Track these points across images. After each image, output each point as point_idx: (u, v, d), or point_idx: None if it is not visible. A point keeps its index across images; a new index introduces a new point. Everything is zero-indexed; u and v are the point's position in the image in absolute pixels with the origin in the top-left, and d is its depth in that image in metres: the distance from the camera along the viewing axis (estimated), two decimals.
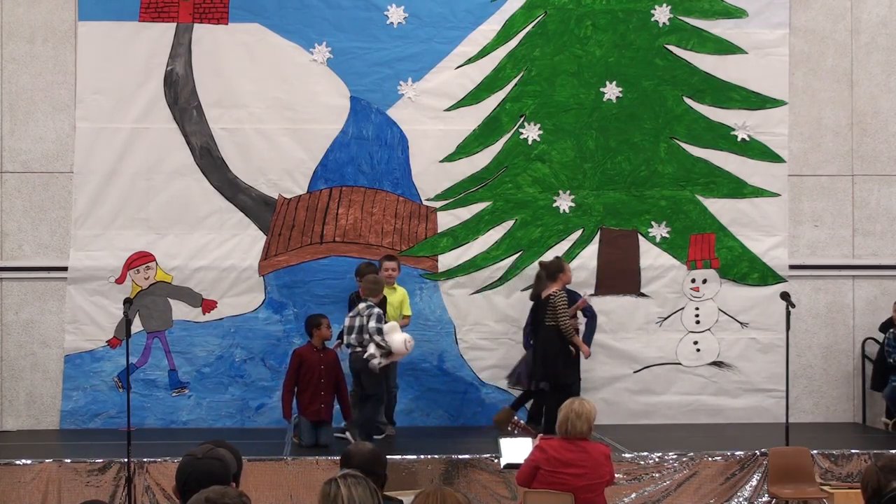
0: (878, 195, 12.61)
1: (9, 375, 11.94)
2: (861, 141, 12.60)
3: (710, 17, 12.41)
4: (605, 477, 7.39)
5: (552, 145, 12.29)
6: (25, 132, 11.96)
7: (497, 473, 9.62)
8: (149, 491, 9.61)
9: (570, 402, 7.51)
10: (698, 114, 12.41)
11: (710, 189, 12.41)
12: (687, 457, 10.14)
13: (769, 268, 12.41)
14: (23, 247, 11.98)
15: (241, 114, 12.07)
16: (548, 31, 12.31)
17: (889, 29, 12.64)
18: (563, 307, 10.68)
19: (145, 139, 12.00)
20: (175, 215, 12.01)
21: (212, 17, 12.05)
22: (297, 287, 12.07)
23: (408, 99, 12.20)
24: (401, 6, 12.20)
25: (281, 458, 9.93)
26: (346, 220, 12.13)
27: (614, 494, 9.79)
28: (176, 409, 11.94)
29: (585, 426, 7.34)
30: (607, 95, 12.33)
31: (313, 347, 10.74)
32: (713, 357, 12.38)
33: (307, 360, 10.64)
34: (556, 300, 10.72)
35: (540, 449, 7.45)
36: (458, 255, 12.18)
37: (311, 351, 10.72)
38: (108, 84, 11.98)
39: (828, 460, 10.18)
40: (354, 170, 12.19)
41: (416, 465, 9.77)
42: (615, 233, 12.33)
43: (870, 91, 12.61)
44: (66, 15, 12.00)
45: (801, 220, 12.54)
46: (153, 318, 11.97)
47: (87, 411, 11.85)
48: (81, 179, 11.96)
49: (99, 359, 11.88)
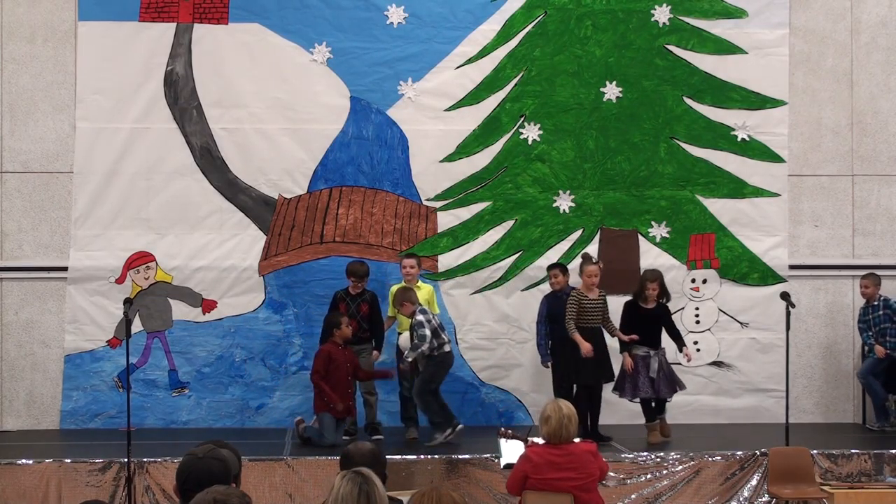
0: (878, 195, 12.61)
1: (9, 375, 11.94)
2: (861, 141, 12.60)
3: (710, 17, 12.41)
4: (594, 474, 7.36)
5: (552, 145, 12.29)
6: (25, 132, 11.96)
7: (497, 473, 9.62)
8: (149, 491, 9.61)
9: (556, 406, 7.32)
10: (698, 114, 12.42)
11: (710, 189, 12.41)
12: (687, 457, 10.15)
13: (769, 268, 12.41)
14: (23, 247, 11.97)
15: (241, 114, 12.07)
16: (548, 31, 12.31)
17: (889, 29, 12.64)
18: (570, 305, 10.76)
19: (145, 139, 12.00)
20: (175, 215, 12.01)
21: (212, 17, 12.05)
22: (297, 287, 12.07)
23: (408, 99, 12.20)
24: (401, 6, 12.20)
25: (281, 458, 9.93)
26: (346, 220, 12.13)
27: (614, 494, 9.80)
28: (176, 409, 11.94)
29: (575, 428, 7.34)
30: (607, 95, 12.33)
31: (337, 346, 10.73)
32: (713, 357, 12.38)
33: (336, 359, 10.63)
34: (568, 298, 10.88)
35: (526, 458, 7.39)
36: (458, 255, 12.18)
37: (336, 348, 10.71)
38: (108, 84, 11.98)
39: (828, 460, 10.19)
40: (354, 170, 12.19)
41: (415, 465, 9.77)
42: (615, 233, 12.33)
43: (870, 91, 12.61)
44: (66, 15, 12.00)
45: (801, 220, 12.54)
46: (153, 318, 11.96)
47: (87, 411, 11.85)
48: (81, 179, 11.96)
49: (99, 359, 11.88)
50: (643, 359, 10.85)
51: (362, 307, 11.21)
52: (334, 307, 11.24)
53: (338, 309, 11.16)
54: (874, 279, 11.82)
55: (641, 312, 10.97)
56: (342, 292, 11.27)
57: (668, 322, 11.14)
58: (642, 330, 10.90)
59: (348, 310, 11.13)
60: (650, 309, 10.98)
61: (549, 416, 7.31)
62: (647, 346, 10.87)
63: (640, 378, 10.83)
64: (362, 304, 11.23)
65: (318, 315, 11.95)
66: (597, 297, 10.92)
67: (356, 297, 11.24)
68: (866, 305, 11.85)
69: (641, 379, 10.83)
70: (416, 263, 11.35)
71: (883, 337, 11.65)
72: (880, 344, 11.62)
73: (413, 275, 11.27)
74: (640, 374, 10.83)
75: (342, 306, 11.18)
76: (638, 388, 10.86)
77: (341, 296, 11.25)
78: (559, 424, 7.26)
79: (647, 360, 10.83)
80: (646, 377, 10.83)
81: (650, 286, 10.96)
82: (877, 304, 11.74)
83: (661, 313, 11.08)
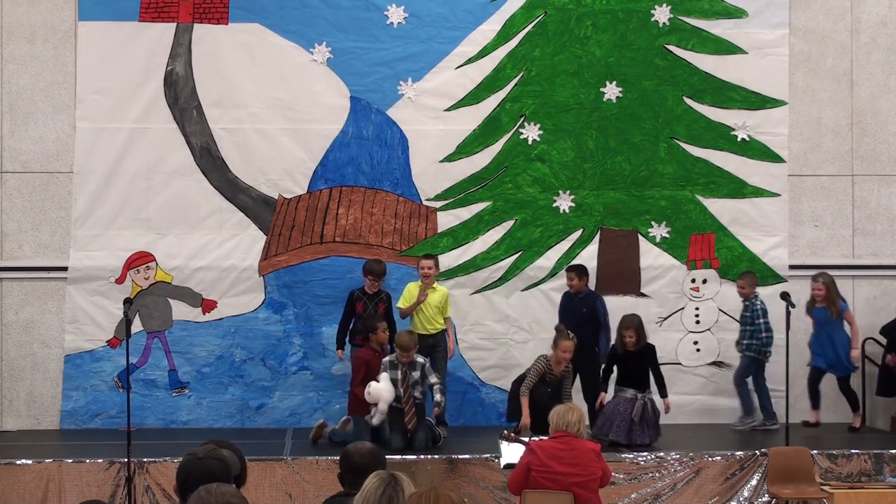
0: (878, 195, 12.61)
1: (9, 375, 11.94)
2: (861, 141, 12.60)
3: (710, 17, 12.42)
4: (596, 473, 7.40)
5: (552, 145, 12.29)
6: (25, 132, 11.96)
7: (497, 473, 9.62)
8: (149, 491, 9.62)
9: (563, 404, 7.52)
10: (698, 114, 12.42)
11: (710, 189, 12.41)
12: (687, 457, 10.15)
13: (769, 268, 12.41)
14: (23, 247, 11.97)
15: (241, 114, 12.07)
16: (548, 31, 12.31)
17: (889, 29, 12.65)
18: (533, 371, 10.55)
19: (145, 139, 12.00)
20: (175, 215, 12.00)
21: (212, 17, 12.05)
22: (297, 287, 12.06)
23: (408, 99, 12.20)
24: (401, 6, 12.20)
25: (281, 458, 9.93)
26: (346, 220, 12.13)
27: (614, 494, 9.80)
28: (176, 409, 11.94)
29: (578, 423, 7.38)
30: (607, 95, 12.33)
31: (375, 351, 10.68)
32: (713, 357, 12.39)
33: (373, 364, 10.54)
34: (534, 362, 10.76)
35: (530, 451, 7.46)
36: (458, 255, 12.18)
37: (373, 354, 10.65)
38: (108, 84, 11.97)
39: (828, 460, 10.19)
40: (354, 170, 12.19)
41: (415, 465, 9.77)
42: (615, 233, 12.33)
43: (870, 91, 12.61)
44: (66, 15, 11.99)
45: (801, 220, 12.54)
46: (153, 318, 11.96)
47: (87, 411, 11.85)
48: (81, 179, 11.95)
49: (99, 359, 11.88)
50: (629, 401, 10.57)
51: (380, 307, 11.15)
52: (350, 307, 11.17)
53: (354, 309, 11.09)
54: (749, 278, 11.71)
55: (625, 353, 10.72)
56: (358, 291, 11.18)
57: (653, 364, 10.81)
58: (627, 371, 10.68)
59: (366, 309, 11.07)
60: (633, 353, 10.70)
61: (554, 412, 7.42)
62: (634, 389, 10.61)
63: (616, 419, 10.51)
64: (379, 303, 11.17)
65: (318, 315, 11.98)
66: (561, 372, 10.53)
67: (373, 296, 11.19)
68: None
69: (618, 421, 10.50)
70: (433, 264, 11.28)
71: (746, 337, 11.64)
72: (738, 342, 11.69)
73: (430, 276, 11.20)
74: (620, 415, 10.50)
75: (359, 305, 11.12)
76: (612, 430, 10.46)
77: (358, 295, 11.17)
78: (562, 418, 7.34)
79: (633, 403, 10.55)
80: (624, 420, 10.47)
81: (626, 333, 10.69)
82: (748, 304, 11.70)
83: (645, 354, 10.76)
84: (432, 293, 11.11)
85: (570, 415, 7.44)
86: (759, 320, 11.53)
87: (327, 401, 11.98)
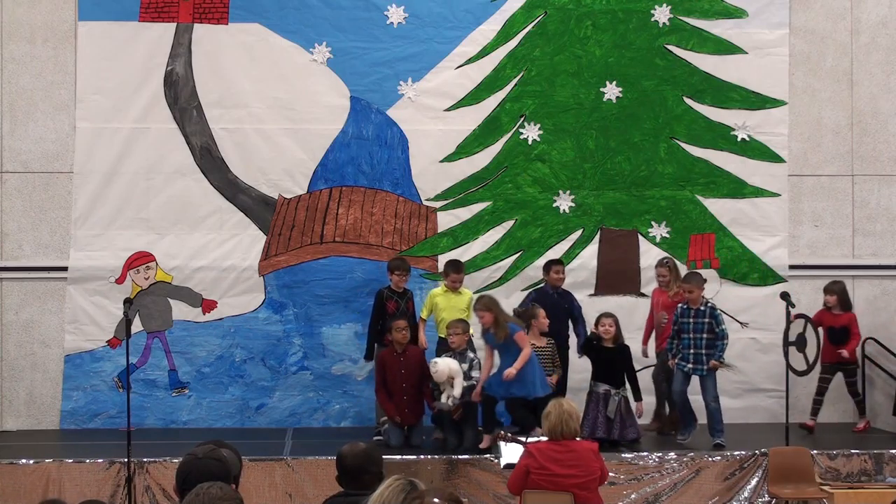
0: (878, 195, 12.61)
1: (9, 375, 11.94)
2: (861, 141, 12.60)
3: (710, 17, 12.42)
4: (596, 473, 7.40)
5: (552, 145, 12.29)
6: (25, 132, 11.96)
7: (497, 473, 9.62)
8: (149, 491, 9.62)
9: (557, 403, 7.49)
10: (698, 114, 12.42)
11: (710, 189, 12.41)
12: (687, 457, 10.15)
13: (769, 268, 12.41)
14: (23, 247, 11.97)
15: (241, 114, 12.07)
16: (548, 31, 12.31)
17: (889, 29, 12.65)
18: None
19: (145, 139, 12.00)
20: (175, 215, 12.01)
21: (212, 17, 12.05)
22: (297, 287, 12.06)
23: (408, 99, 12.21)
24: (401, 6, 12.21)
25: (281, 458, 9.93)
26: (346, 220, 12.13)
27: (614, 494, 9.80)
28: (176, 409, 11.94)
29: (576, 425, 7.38)
30: (607, 95, 12.33)
31: (393, 351, 10.60)
32: None
33: (390, 365, 10.50)
34: None
35: (528, 453, 7.45)
36: (458, 255, 12.15)
37: (391, 355, 10.58)
38: (108, 84, 11.97)
39: (828, 460, 10.19)
40: (354, 170, 12.19)
41: (416, 465, 9.77)
42: (615, 233, 12.33)
43: (870, 91, 12.61)
44: (66, 15, 12.00)
45: (801, 220, 12.54)
46: (153, 318, 11.96)
47: (87, 411, 11.85)
48: (81, 179, 11.95)
49: (99, 359, 11.88)
50: (602, 396, 10.49)
51: (409, 305, 11.07)
52: (380, 308, 11.00)
53: (385, 309, 10.93)
54: (698, 280, 10.75)
55: (600, 349, 10.62)
56: (387, 290, 11.04)
57: (627, 366, 10.68)
58: (602, 367, 10.61)
59: (398, 308, 10.95)
60: (609, 348, 10.62)
61: (549, 412, 7.41)
62: (607, 385, 10.52)
63: (599, 416, 10.44)
64: (409, 301, 11.08)
65: (318, 315, 11.99)
66: (544, 346, 10.59)
67: (402, 294, 11.09)
68: (687, 308, 10.66)
69: (600, 418, 10.43)
70: (460, 278, 11.09)
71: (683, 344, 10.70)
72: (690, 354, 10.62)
73: (456, 286, 11.02)
74: (599, 412, 10.45)
75: (391, 304, 10.96)
76: (595, 427, 10.37)
77: (387, 294, 11.02)
78: (559, 420, 7.32)
79: (607, 399, 10.46)
80: (603, 416, 10.42)
81: (605, 322, 10.63)
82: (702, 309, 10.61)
83: (620, 353, 10.66)
84: (457, 297, 11.04)
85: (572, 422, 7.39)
86: (720, 327, 10.60)
87: (327, 401, 11.99)
